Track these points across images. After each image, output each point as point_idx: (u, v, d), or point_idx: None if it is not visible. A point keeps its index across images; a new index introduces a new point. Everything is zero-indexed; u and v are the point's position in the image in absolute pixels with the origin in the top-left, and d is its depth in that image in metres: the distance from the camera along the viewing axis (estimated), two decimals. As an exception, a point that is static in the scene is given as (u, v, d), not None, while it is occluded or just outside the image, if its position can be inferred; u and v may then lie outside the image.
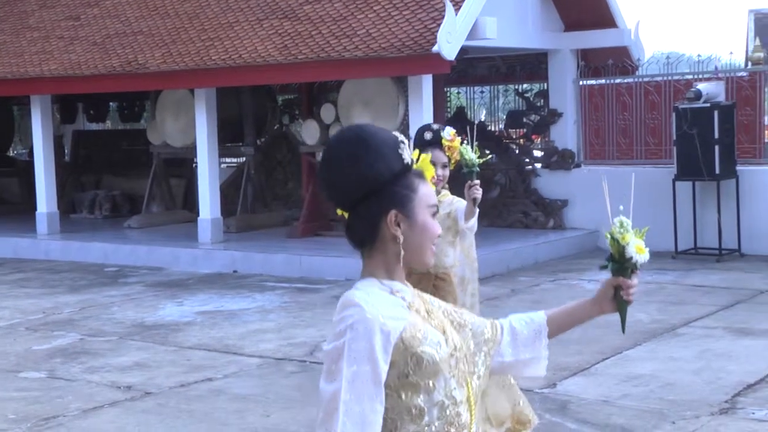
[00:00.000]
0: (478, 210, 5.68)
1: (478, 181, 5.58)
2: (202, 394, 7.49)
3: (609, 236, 2.73)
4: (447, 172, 5.71)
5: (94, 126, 24.57)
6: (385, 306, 2.39)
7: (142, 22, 15.22)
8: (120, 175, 19.40)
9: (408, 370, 2.37)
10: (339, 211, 2.49)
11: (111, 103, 22.55)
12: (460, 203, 5.71)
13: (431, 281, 5.59)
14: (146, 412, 7.09)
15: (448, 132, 5.63)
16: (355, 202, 2.44)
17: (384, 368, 2.33)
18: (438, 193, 5.62)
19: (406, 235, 2.43)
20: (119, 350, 9.02)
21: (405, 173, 2.46)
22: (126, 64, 14.46)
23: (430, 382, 2.40)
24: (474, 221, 5.74)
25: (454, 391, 2.44)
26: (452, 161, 5.71)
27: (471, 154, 5.66)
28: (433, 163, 4.83)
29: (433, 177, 3.96)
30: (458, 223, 5.70)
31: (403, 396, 2.38)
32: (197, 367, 8.30)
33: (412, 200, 2.44)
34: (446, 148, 5.59)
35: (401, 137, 2.48)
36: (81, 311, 10.95)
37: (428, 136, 5.60)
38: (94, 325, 10.19)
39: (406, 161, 2.45)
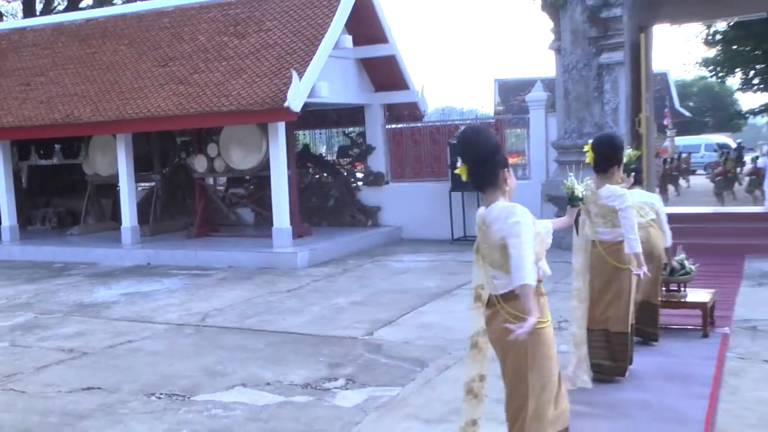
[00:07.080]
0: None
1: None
2: (125, 353, 7.21)
3: (565, 185, 4.65)
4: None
5: (43, 162, 23.22)
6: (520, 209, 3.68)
7: (77, 87, 14.50)
8: (64, 197, 18.43)
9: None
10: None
11: (56, 145, 21.34)
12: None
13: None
14: (84, 367, 6.77)
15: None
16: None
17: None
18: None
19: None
20: (64, 324, 8.58)
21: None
22: (65, 117, 13.76)
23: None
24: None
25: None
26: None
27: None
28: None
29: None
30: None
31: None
32: (121, 333, 7.98)
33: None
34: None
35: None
36: (35, 296, 10.35)
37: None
38: (44, 306, 9.66)
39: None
